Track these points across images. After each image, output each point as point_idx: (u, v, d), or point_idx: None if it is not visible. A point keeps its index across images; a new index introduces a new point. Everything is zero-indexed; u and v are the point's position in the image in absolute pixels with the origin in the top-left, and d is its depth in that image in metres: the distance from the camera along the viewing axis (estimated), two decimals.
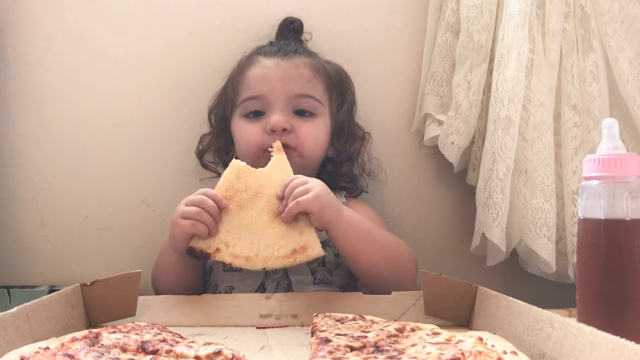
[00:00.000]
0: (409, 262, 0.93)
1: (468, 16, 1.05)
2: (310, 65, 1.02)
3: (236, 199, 0.85)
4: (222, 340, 0.71)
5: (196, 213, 0.82)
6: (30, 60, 1.16)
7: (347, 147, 1.08)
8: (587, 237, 0.66)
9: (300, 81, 1.00)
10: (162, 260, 0.94)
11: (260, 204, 0.84)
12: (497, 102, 0.99)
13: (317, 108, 1.01)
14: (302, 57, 1.03)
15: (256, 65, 1.02)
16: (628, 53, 1.04)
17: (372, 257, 0.89)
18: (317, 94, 1.01)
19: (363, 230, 0.89)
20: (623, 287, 0.63)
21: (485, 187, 1.01)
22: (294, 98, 0.99)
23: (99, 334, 0.62)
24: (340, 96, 1.07)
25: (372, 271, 0.89)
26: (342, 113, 1.06)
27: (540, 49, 1.02)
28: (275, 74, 0.99)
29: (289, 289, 0.94)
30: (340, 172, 1.07)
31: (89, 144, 1.16)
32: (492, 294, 0.73)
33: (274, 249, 0.82)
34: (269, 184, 0.86)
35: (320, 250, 0.83)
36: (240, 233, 0.83)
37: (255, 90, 1.00)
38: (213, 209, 0.83)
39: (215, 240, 0.83)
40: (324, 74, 1.04)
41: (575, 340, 0.53)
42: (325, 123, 1.03)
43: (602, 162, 0.65)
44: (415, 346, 0.59)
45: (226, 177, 0.86)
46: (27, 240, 1.17)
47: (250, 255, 0.82)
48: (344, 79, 1.09)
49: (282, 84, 0.99)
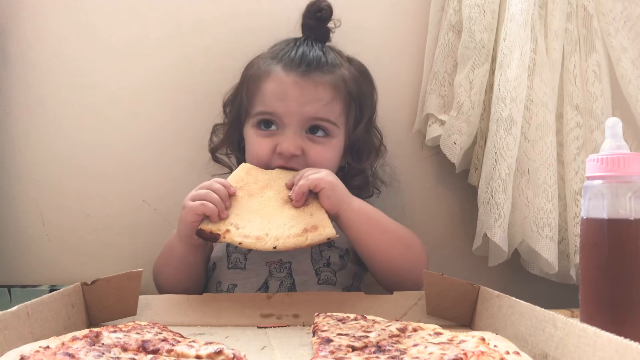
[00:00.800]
0: (420, 250, 0.93)
1: (470, 16, 1.05)
2: (330, 85, 0.97)
3: (246, 189, 0.87)
4: (223, 339, 0.71)
5: (205, 194, 0.84)
6: (32, 59, 1.16)
7: (361, 163, 1.05)
8: (590, 237, 0.66)
9: (318, 104, 0.95)
10: (167, 252, 0.95)
11: (270, 193, 0.87)
12: (499, 102, 0.99)
13: (331, 130, 0.98)
14: (322, 75, 0.97)
15: (274, 79, 0.97)
16: (631, 53, 1.04)
17: (383, 243, 0.89)
18: (333, 115, 0.97)
19: (374, 217, 0.91)
20: (626, 287, 0.63)
21: (487, 187, 1.00)
22: (308, 120, 0.96)
23: (100, 333, 0.62)
24: (359, 111, 1.03)
25: (383, 257, 0.89)
26: (359, 130, 1.03)
27: (543, 49, 1.01)
28: (293, 94, 0.95)
29: (292, 289, 0.93)
30: (351, 185, 1.00)
31: (90, 143, 1.16)
32: (494, 294, 0.73)
33: (285, 228, 0.82)
34: (278, 180, 0.89)
35: (332, 230, 0.82)
36: (250, 216, 0.84)
37: (270, 106, 0.96)
38: (222, 191, 0.85)
39: (225, 223, 0.84)
40: (344, 91, 0.99)
41: (578, 340, 0.53)
42: (339, 144, 1.00)
43: (605, 161, 0.65)
44: (417, 346, 0.59)
45: (236, 173, 0.91)
46: (28, 239, 1.17)
47: (261, 234, 0.82)
48: (364, 90, 1.04)
49: (298, 105, 0.95)
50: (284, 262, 0.95)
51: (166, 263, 0.94)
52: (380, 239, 0.90)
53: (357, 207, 0.88)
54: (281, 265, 0.95)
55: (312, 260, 0.96)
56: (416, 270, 0.88)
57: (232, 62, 1.10)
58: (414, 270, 0.88)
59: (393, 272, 0.89)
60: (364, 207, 0.91)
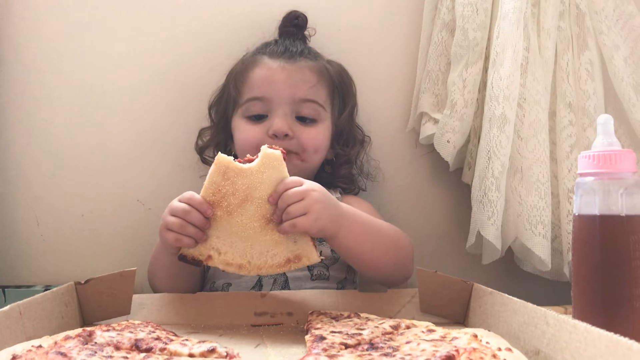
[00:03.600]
0: (407, 247, 0.92)
1: (463, 14, 1.05)
2: (315, 69, 1.02)
3: (224, 205, 0.77)
4: (216, 338, 0.71)
5: (179, 226, 0.77)
6: (26, 61, 1.16)
7: (347, 151, 1.08)
8: (582, 233, 0.66)
9: (305, 86, 1.00)
10: (157, 259, 0.92)
11: (250, 209, 0.77)
12: (493, 100, 0.99)
13: (319, 113, 1.01)
14: (307, 61, 1.03)
15: (261, 66, 1.02)
16: (623, 51, 1.04)
17: (375, 254, 0.87)
18: (320, 99, 1.01)
19: (362, 229, 0.86)
20: (618, 283, 0.63)
21: (481, 185, 1.01)
22: (297, 102, 0.99)
23: (93, 332, 0.62)
24: (342, 100, 1.07)
25: (376, 265, 0.88)
26: (343, 118, 1.06)
27: (536, 47, 1.02)
28: (280, 77, 0.99)
29: (285, 285, 0.93)
30: (338, 175, 1.07)
31: (83, 144, 1.16)
32: (487, 291, 0.73)
33: (267, 257, 0.78)
34: (259, 186, 0.77)
35: (316, 258, 0.79)
36: (232, 240, 0.78)
37: (258, 91, 1.00)
38: (198, 220, 0.77)
39: (207, 247, 0.79)
40: (328, 78, 1.04)
41: (569, 336, 0.53)
42: (327, 128, 1.03)
43: (597, 158, 0.65)
44: (409, 343, 0.59)
45: (212, 177, 0.77)
46: (23, 239, 1.16)
47: (243, 263, 0.78)
48: (346, 82, 1.09)
49: (287, 87, 0.99)
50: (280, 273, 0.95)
51: (159, 270, 0.92)
52: (372, 251, 0.86)
53: (346, 226, 0.82)
54: None
55: None
56: (406, 266, 0.91)
57: (225, 60, 1.10)
58: (404, 267, 0.91)
59: (384, 275, 0.89)
60: (353, 223, 0.84)
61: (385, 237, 0.89)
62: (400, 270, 0.90)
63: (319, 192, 0.78)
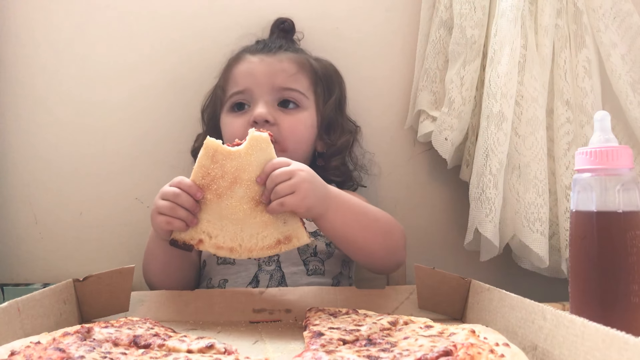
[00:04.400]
0: (398, 233, 0.91)
1: (461, 12, 1.05)
2: (294, 60, 1.05)
3: (214, 187, 0.78)
4: (215, 334, 0.71)
5: (170, 209, 0.78)
6: (24, 61, 1.16)
7: (335, 141, 1.08)
8: (579, 229, 0.67)
9: (284, 75, 1.02)
10: (151, 247, 0.92)
11: (239, 192, 0.78)
12: (490, 97, 0.99)
13: (301, 100, 1.02)
14: (286, 53, 1.05)
15: (242, 62, 1.05)
16: (620, 49, 1.05)
17: (364, 237, 0.87)
18: (301, 87, 1.03)
19: (351, 211, 0.86)
20: (615, 279, 0.63)
21: (479, 182, 1.01)
22: (277, 91, 1.01)
23: (91, 328, 0.62)
24: (327, 90, 1.08)
25: (365, 248, 0.88)
26: (328, 106, 1.07)
27: (533, 45, 1.02)
28: (260, 68, 1.02)
29: (282, 281, 0.94)
30: (329, 167, 1.07)
31: (82, 142, 1.16)
32: (485, 287, 0.74)
33: (258, 239, 0.79)
34: (247, 167, 0.78)
35: (306, 239, 0.79)
36: (222, 223, 0.79)
37: (240, 84, 1.02)
38: (188, 202, 0.78)
39: (197, 231, 0.79)
40: (309, 68, 1.06)
41: (566, 331, 0.53)
42: (311, 117, 1.04)
43: (594, 154, 0.66)
44: (407, 339, 0.59)
45: (201, 161, 0.78)
46: (21, 238, 1.16)
47: (234, 246, 0.79)
48: (330, 73, 1.10)
49: (266, 77, 1.01)
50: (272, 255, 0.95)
51: (153, 260, 0.91)
52: (361, 234, 0.86)
53: (334, 208, 0.83)
54: (270, 258, 0.95)
55: (299, 251, 0.96)
56: (397, 252, 0.91)
57: (221, 64, 1.11)
58: (395, 254, 0.91)
59: (374, 261, 0.89)
60: (342, 204, 0.85)
61: (374, 221, 0.89)
62: (391, 256, 0.90)
63: (307, 172, 0.79)
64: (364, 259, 0.90)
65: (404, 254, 0.92)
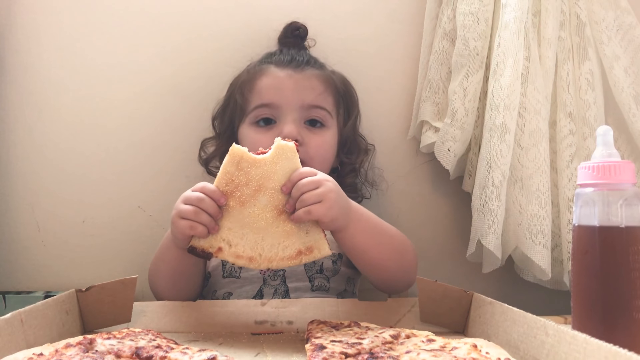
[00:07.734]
0: (412, 253, 0.93)
1: (464, 24, 1.05)
2: (322, 78, 1.03)
3: (237, 194, 0.77)
4: (217, 346, 0.71)
5: (193, 213, 0.77)
6: (27, 66, 1.16)
7: (352, 159, 1.08)
8: (581, 244, 0.67)
9: (313, 93, 1.00)
10: (163, 254, 0.91)
11: (263, 200, 0.77)
12: (493, 109, 0.99)
13: (326, 119, 1.02)
14: (313, 69, 1.04)
15: (268, 75, 1.02)
16: (623, 61, 1.05)
17: (380, 253, 0.87)
18: (327, 105, 1.02)
19: (370, 226, 0.88)
20: (617, 294, 0.63)
21: (481, 194, 1.01)
22: (306, 109, 0.99)
23: (94, 340, 0.62)
24: (347, 110, 1.08)
25: (381, 265, 0.88)
26: (348, 127, 1.07)
27: (536, 57, 1.02)
28: (288, 84, 1.00)
29: (286, 296, 0.94)
30: (344, 184, 1.04)
31: (85, 150, 1.16)
32: (487, 301, 0.74)
33: (279, 249, 0.78)
34: (272, 176, 0.77)
35: (327, 251, 0.78)
36: (243, 231, 0.78)
37: (267, 98, 1.00)
38: (212, 207, 0.77)
39: (217, 239, 0.78)
40: (334, 87, 1.05)
41: (569, 347, 0.53)
42: (334, 136, 1.04)
43: (596, 169, 0.66)
44: (409, 353, 0.59)
45: (226, 167, 0.78)
46: (23, 245, 1.16)
47: (254, 255, 0.78)
48: (350, 91, 1.10)
49: (295, 94, 0.99)
50: (277, 270, 0.95)
51: (164, 266, 0.91)
52: (377, 250, 0.87)
53: (355, 221, 0.84)
54: (275, 273, 0.95)
55: (305, 267, 0.96)
56: (410, 272, 0.91)
57: (226, 68, 1.11)
58: (409, 272, 0.91)
59: (388, 279, 0.90)
60: (362, 218, 0.86)
61: (392, 239, 0.90)
62: (404, 275, 0.90)
63: (333, 183, 0.80)
64: (378, 276, 0.90)
65: (416, 274, 0.89)
